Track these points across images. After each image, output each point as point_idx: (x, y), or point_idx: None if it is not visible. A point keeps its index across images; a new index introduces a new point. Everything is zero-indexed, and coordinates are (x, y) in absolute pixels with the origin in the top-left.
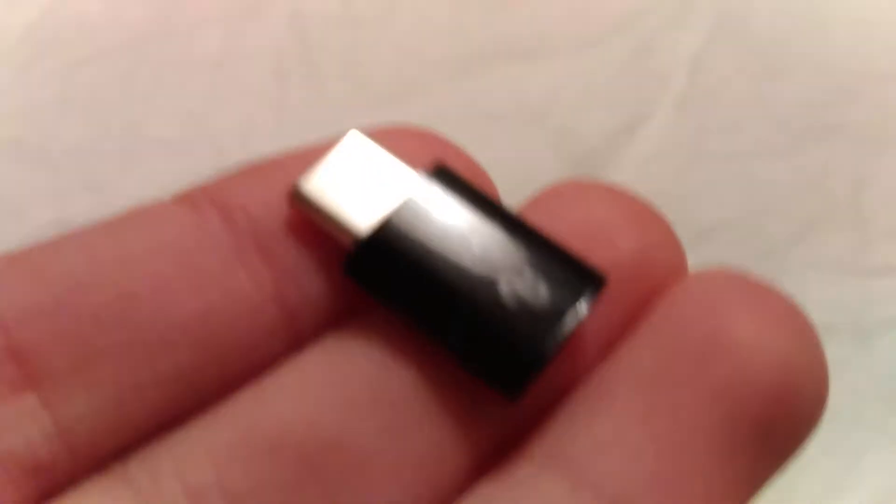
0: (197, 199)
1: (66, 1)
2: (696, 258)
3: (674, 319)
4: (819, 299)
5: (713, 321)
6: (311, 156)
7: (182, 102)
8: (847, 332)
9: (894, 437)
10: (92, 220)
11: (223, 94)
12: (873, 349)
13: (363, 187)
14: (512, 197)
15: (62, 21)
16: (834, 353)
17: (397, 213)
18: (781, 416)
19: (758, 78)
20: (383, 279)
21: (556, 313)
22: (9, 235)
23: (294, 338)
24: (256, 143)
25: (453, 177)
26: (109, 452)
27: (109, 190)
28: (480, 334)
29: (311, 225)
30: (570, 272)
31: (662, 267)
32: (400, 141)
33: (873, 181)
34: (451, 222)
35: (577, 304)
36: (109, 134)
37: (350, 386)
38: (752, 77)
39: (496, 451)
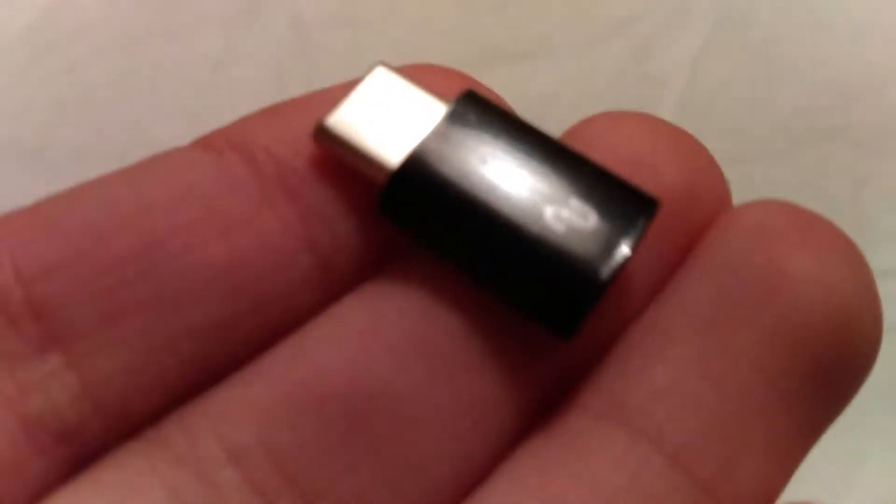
0: (216, 143)
1: (65, 2)
2: None
3: (725, 254)
4: None
5: (767, 255)
6: (336, 94)
7: (181, 103)
8: None
9: (894, 442)
10: None
11: (223, 94)
12: None
13: (392, 120)
14: None
15: (61, 22)
16: None
17: (430, 142)
18: (840, 356)
19: (757, 80)
20: (420, 215)
21: (609, 241)
22: None
23: (329, 285)
24: None
25: (486, 103)
26: (142, 414)
27: None
28: (528, 269)
29: (340, 163)
30: (620, 197)
31: (709, 197)
32: (427, 77)
33: (873, 183)
34: (488, 150)
35: (630, 230)
36: (108, 135)
37: (393, 334)
38: (752, 79)
39: (548, 398)
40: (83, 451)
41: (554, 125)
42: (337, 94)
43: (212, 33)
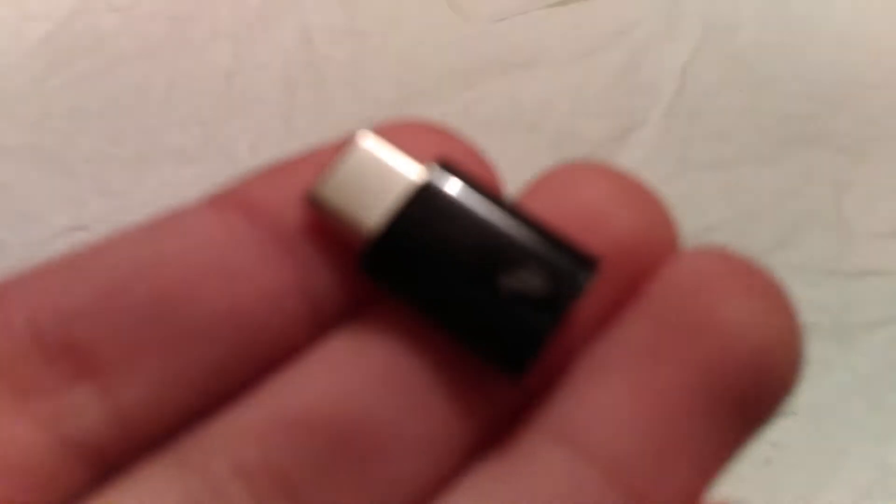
0: (222, 202)
1: (82, 13)
2: None
3: (665, 297)
4: (803, 301)
5: (701, 300)
6: (325, 155)
7: (195, 111)
8: (830, 332)
9: (876, 433)
10: (109, 225)
11: (234, 103)
12: (856, 349)
13: (372, 187)
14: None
15: (78, 32)
16: (818, 353)
17: (404, 211)
18: (759, 389)
19: (743, 88)
20: (394, 274)
21: (552, 299)
22: (27, 240)
23: (316, 327)
24: (266, 150)
25: (456, 171)
26: (160, 435)
27: (124, 196)
28: (484, 322)
29: (327, 224)
30: (566, 259)
31: (656, 244)
32: (407, 135)
33: (854, 187)
34: (454, 217)
35: (572, 289)
36: (124, 142)
37: (370, 371)
38: (738, 87)
39: (503, 425)
40: (111, 465)
41: (549, 132)
42: (325, 155)
43: (223, 45)
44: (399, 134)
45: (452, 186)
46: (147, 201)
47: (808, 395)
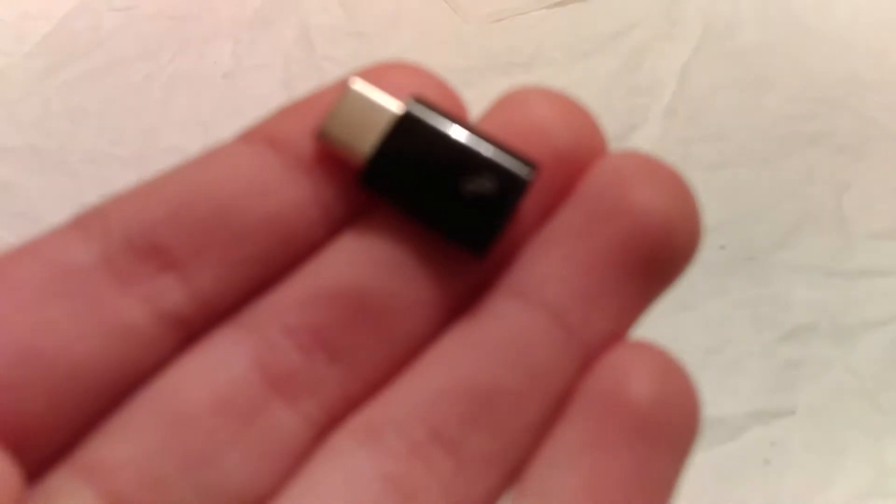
0: (253, 137)
1: (82, 13)
2: None
3: (590, 189)
4: (802, 301)
5: (617, 189)
6: (327, 95)
7: (194, 111)
8: (829, 332)
9: (875, 433)
10: None
11: (234, 103)
12: (854, 349)
13: (363, 121)
14: None
15: (78, 33)
16: (817, 353)
17: (388, 138)
18: (664, 255)
19: (743, 88)
20: (384, 186)
21: (503, 196)
22: (26, 238)
23: (330, 228)
24: None
25: (428, 104)
26: (225, 309)
27: None
28: (454, 217)
29: (333, 152)
30: (512, 165)
31: (588, 151)
32: (390, 74)
33: (854, 187)
34: (427, 139)
35: (517, 187)
36: (124, 142)
37: (375, 256)
38: (738, 87)
39: (473, 294)
40: (191, 334)
41: None
42: (329, 94)
43: (223, 45)
44: (383, 74)
45: (425, 115)
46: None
47: (806, 395)
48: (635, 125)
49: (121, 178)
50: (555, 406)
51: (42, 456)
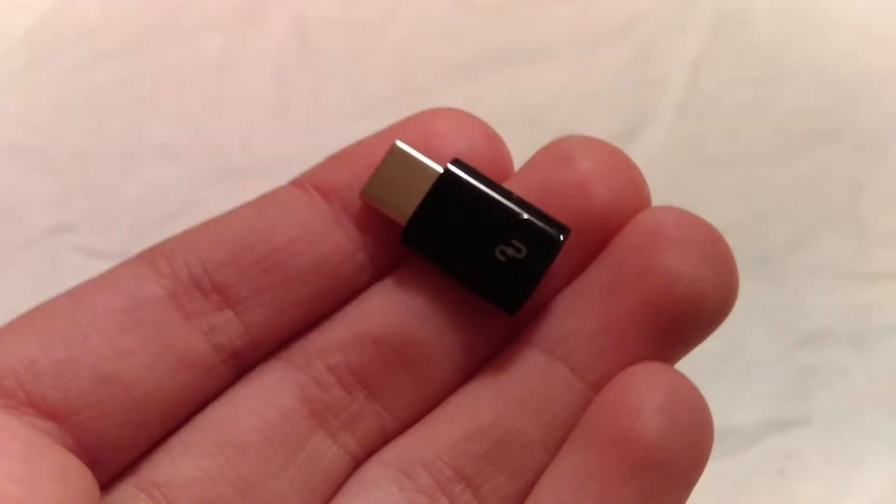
0: (304, 184)
1: (67, 5)
2: None
3: (623, 247)
4: (818, 305)
5: (650, 250)
6: (374, 145)
7: (183, 107)
8: (846, 337)
9: (893, 442)
10: (94, 224)
11: (224, 98)
12: (872, 355)
13: (405, 184)
14: None
15: (63, 25)
16: (833, 359)
17: (429, 201)
18: (688, 320)
19: (757, 82)
20: (423, 245)
21: (535, 259)
22: (10, 240)
23: (373, 273)
24: (257, 148)
25: (467, 169)
26: (277, 344)
27: (110, 194)
28: (488, 278)
29: (376, 210)
30: (544, 231)
31: (629, 206)
32: (437, 123)
33: (872, 186)
34: (465, 204)
35: (548, 253)
36: (110, 138)
37: (412, 305)
38: (752, 82)
39: (502, 342)
40: (242, 367)
41: (553, 128)
42: (377, 145)
43: (213, 37)
44: (428, 123)
45: (463, 180)
46: (133, 200)
47: (822, 403)
48: (645, 121)
49: (106, 175)
50: None
51: (112, 471)
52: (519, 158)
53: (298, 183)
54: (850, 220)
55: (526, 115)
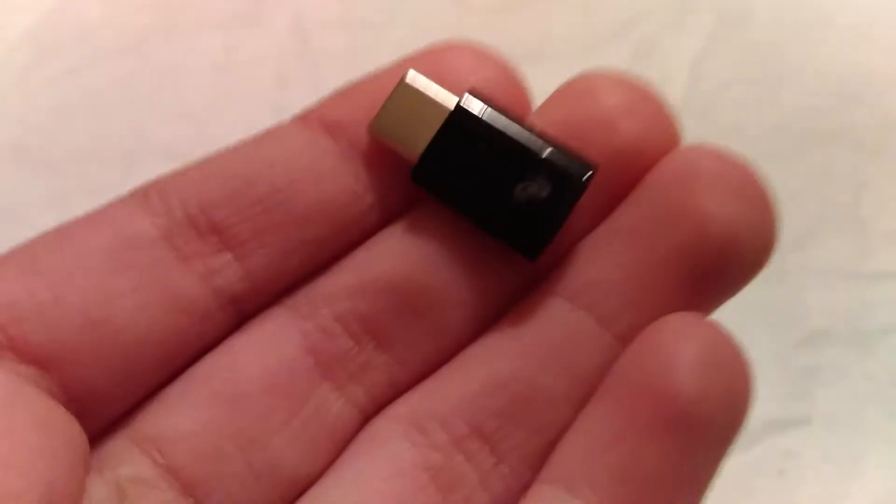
0: (309, 120)
1: (67, 4)
2: None
3: (654, 188)
4: (819, 304)
5: (683, 191)
6: (382, 79)
7: (183, 107)
8: (847, 337)
9: (894, 441)
10: None
11: (224, 98)
12: (873, 354)
13: (417, 118)
14: None
15: (62, 25)
16: (833, 359)
17: (442, 136)
18: (725, 265)
19: (757, 82)
20: (436, 185)
21: (558, 201)
22: (10, 240)
23: (383, 218)
24: None
25: (484, 99)
26: (278, 292)
27: (110, 194)
28: (506, 220)
29: (386, 146)
30: (568, 168)
31: (658, 145)
32: (451, 58)
33: (873, 186)
34: (481, 139)
35: (573, 192)
36: (110, 138)
37: (424, 249)
38: (752, 81)
39: (523, 292)
40: (244, 311)
41: None
42: (384, 78)
43: (213, 36)
44: (441, 57)
45: (479, 112)
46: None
47: (822, 403)
48: None
49: (106, 175)
50: None
51: (102, 423)
52: None
53: (303, 118)
54: (850, 220)
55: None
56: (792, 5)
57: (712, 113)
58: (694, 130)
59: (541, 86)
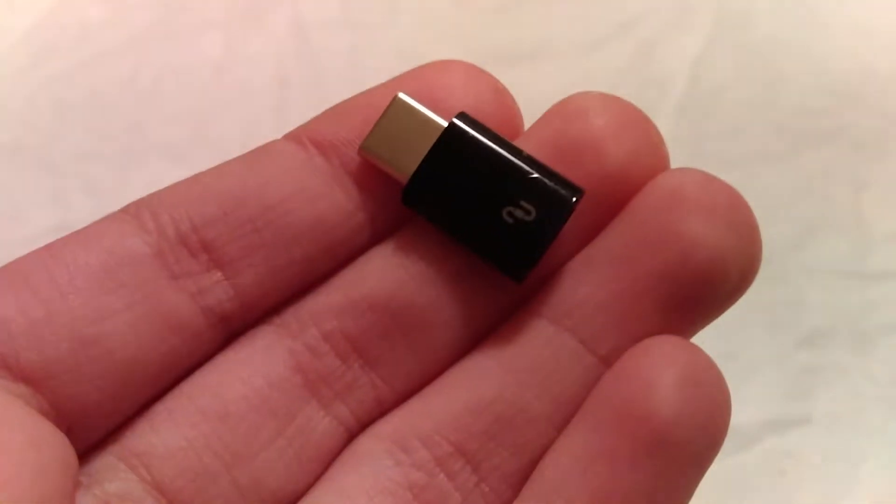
0: (301, 138)
1: (67, 4)
2: None
3: (638, 212)
4: (819, 304)
5: (667, 215)
6: (375, 97)
7: (183, 106)
8: (847, 337)
9: (893, 442)
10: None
11: (224, 98)
12: (873, 354)
13: (407, 140)
14: None
15: (63, 24)
16: (834, 359)
17: (432, 159)
18: (709, 290)
19: (757, 82)
20: (426, 206)
21: (545, 222)
22: (10, 239)
23: (373, 235)
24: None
25: (473, 123)
26: (267, 310)
27: (110, 194)
28: (493, 242)
29: (377, 167)
30: (554, 192)
31: (646, 168)
32: (441, 76)
33: (873, 185)
34: (470, 162)
35: (559, 216)
36: (110, 138)
37: (412, 270)
38: (752, 81)
39: (508, 314)
40: (233, 330)
41: None
42: (377, 97)
43: (214, 36)
44: (433, 76)
45: (468, 136)
46: (133, 200)
47: (823, 403)
48: None
49: (106, 175)
50: None
51: (91, 439)
52: None
53: (294, 137)
54: (850, 220)
55: (526, 115)
56: (792, 5)
57: (712, 112)
58: (694, 131)
59: (540, 85)
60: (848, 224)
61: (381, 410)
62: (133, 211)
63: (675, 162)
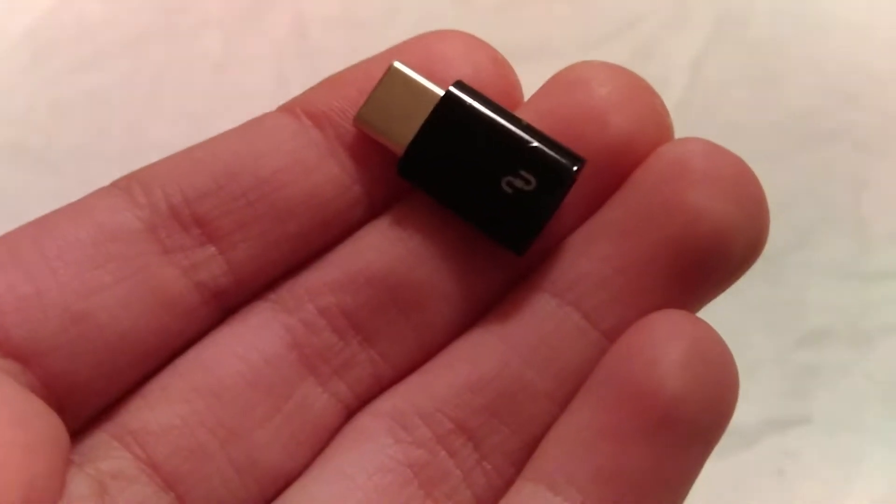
0: (295, 110)
1: (67, 4)
2: None
3: (643, 182)
4: (818, 304)
5: (672, 185)
6: (369, 68)
7: (183, 105)
8: (846, 337)
9: (894, 442)
10: None
11: (224, 96)
12: (873, 354)
13: (403, 110)
14: None
15: (63, 23)
16: (833, 359)
17: (428, 128)
18: (715, 262)
19: (757, 82)
20: (422, 177)
21: (546, 192)
22: None
23: (370, 209)
24: None
25: (471, 92)
26: (262, 285)
27: None
28: (492, 213)
29: (372, 137)
30: (555, 162)
31: (649, 138)
32: (441, 46)
33: (873, 186)
34: (467, 131)
35: (560, 186)
36: (110, 136)
37: (410, 243)
38: (752, 81)
39: (508, 287)
40: (228, 306)
41: None
42: (371, 68)
43: (213, 35)
44: (430, 46)
45: (466, 104)
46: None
47: (822, 402)
48: None
49: (106, 174)
50: None
51: (83, 417)
52: None
53: (288, 108)
54: (850, 220)
55: None
56: (792, 5)
57: (712, 112)
58: (694, 130)
59: (540, 85)
60: (848, 224)
61: (381, 387)
62: (124, 185)
63: None
